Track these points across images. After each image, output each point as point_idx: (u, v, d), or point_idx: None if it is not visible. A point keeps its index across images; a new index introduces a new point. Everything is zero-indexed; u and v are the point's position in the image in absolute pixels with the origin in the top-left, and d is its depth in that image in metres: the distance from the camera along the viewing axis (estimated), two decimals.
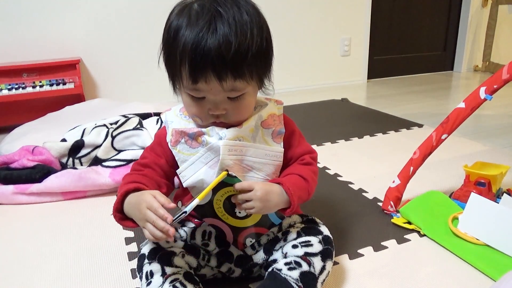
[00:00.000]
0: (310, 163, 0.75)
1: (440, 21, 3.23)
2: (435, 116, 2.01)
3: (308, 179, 0.71)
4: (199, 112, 0.67)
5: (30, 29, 2.07)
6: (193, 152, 0.70)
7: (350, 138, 1.67)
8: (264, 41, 0.64)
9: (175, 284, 0.65)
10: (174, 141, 0.70)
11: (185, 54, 0.60)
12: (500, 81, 0.91)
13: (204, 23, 0.59)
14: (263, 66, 0.66)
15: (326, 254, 0.70)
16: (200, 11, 0.61)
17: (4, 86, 1.91)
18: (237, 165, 0.69)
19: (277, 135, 0.73)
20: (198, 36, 0.59)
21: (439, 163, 1.34)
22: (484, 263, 0.80)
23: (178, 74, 0.64)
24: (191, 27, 0.60)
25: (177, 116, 0.73)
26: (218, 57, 0.59)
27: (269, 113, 0.73)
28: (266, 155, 0.71)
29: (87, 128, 1.39)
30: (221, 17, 0.60)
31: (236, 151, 0.68)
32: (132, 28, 2.28)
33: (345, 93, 2.57)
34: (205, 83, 0.61)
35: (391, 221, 0.99)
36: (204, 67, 0.60)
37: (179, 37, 0.61)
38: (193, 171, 0.70)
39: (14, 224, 1.06)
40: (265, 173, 0.72)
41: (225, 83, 0.61)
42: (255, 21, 0.62)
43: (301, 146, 0.76)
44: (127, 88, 2.37)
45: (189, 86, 0.63)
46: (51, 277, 0.83)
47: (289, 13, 2.63)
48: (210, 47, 0.59)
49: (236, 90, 0.63)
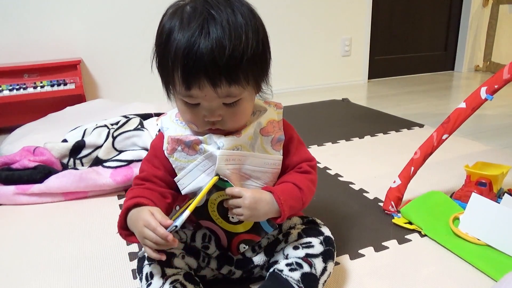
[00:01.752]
0: (308, 172, 0.73)
1: (440, 21, 3.23)
2: (436, 116, 2.01)
3: (303, 188, 0.70)
4: (194, 119, 0.65)
5: (31, 30, 2.08)
6: (190, 159, 0.69)
7: (351, 138, 1.67)
8: (260, 44, 0.61)
9: (175, 285, 0.65)
10: (170, 149, 0.69)
11: (177, 59, 0.58)
12: (501, 81, 0.91)
13: (196, 26, 0.57)
14: (259, 70, 0.64)
15: (327, 255, 0.69)
16: (192, 14, 0.58)
17: (5, 87, 1.91)
18: (235, 174, 0.67)
19: (276, 142, 0.71)
20: (190, 40, 0.56)
21: (440, 163, 1.33)
22: (485, 263, 0.80)
23: (171, 80, 0.62)
24: (183, 31, 0.58)
25: (173, 122, 0.72)
26: (211, 62, 0.56)
27: (269, 119, 0.71)
28: (265, 164, 0.70)
29: (88, 128, 1.39)
30: (214, 20, 0.57)
31: (234, 161, 0.66)
32: (132, 28, 2.28)
33: (345, 93, 2.57)
34: (199, 89, 0.59)
35: (392, 221, 0.99)
36: (197, 73, 0.57)
37: (171, 41, 0.59)
38: (191, 179, 0.69)
39: (15, 225, 1.06)
40: (263, 181, 0.71)
41: (220, 89, 0.59)
42: (250, 24, 0.60)
43: (298, 154, 0.74)
44: (128, 89, 2.37)
45: (182, 92, 0.61)
46: (52, 277, 0.83)
47: (289, 13, 2.63)
48: (202, 52, 0.56)
49: (231, 96, 0.61)
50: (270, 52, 0.66)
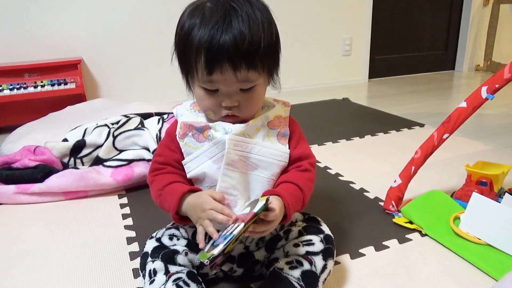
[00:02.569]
0: (308, 170, 0.74)
1: (441, 21, 3.22)
2: (437, 115, 2.01)
3: (304, 190, 0.71)
4: (212, 104, 0.68)
5: (31, 29, 2.08)
6: (198, 146, 0.71)
7: (351, 138, 1.67)
8: (273, 36, 0.68)
9: (178, 283, 0.65)
10: (182, 133, 0.72)
11: (200, 48, 0.63)
12: (502, 81, 0.91)
13: (219, 17, 0.62)
14: (272, 59, 0.69)
15: (328, 253, 0.70)
16: (215, 8, 0.64)
17: (6, 86, 1.91)
18: (242, 161, 0.69)
19: (282, 136, 0.74)
20: (213, 29, 0.62)
21: (441, 163, 1.33)
22: (486, 263, 0.80)
23: (193, 68, 0.66)
24: (206, 24, 0.63)
25: (187, 110, 0.76)
26: (234, 48, 0.62)
27: (276, 114, 0.74)
28: (272, 154, 0.71)
29: (88, 128, 1.39)
30: (235, 12, 0.63)
31: (241, 147, 0.69)
32: (133, 28, 2.28)
33: (346, 93, 2.57)
34: (220, 73, 0.63)
35: (392, 221, 0.99)
36: (220, 58, 0.62)
37: (193, 35, 0.64)
38: (197, 163, 0.71)
39: (16, 224, 1.06)
40: (270, 173, 0.72)
41: (239, 74, 0.64)
42: (266, 17, 0.66)
43: (299, 148, 0.75)
44: (128, 88, 2.37)
45: (203, 78, 0.65)
46: (52, 277, 0.83)
47: (290, 12, 2.63)
48: (225, 40, 0.61)
49: (249, 81, 0.66)
50: (280, 46, 0.71)
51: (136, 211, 1.10)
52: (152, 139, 1.31)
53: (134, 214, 1.08)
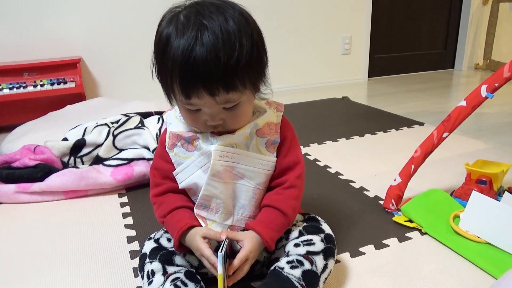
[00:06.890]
0: (293, 186, 0.72)
1: (441, 19, 3.22)
2: (436, 114, 2.01)
3: (287, 213, 0.70)
4: (197, 123, 0.67)
5: (31, 28, 2.08)
6: (188, 155, 0.71)
7: (351, 137, 1.67)
8: (254, 48, 0.61)
9: (176, 283, 0.65)
10: (171, 144, 0.72)
11: (175, 71, 0.59)
12: (502, 79, 0.91)
13: (190, 37, 0.57)
14: (256, 73, 0.64)
15: (328, 253, 0.70)
16: (186, 24, 0.59)
17: (5, 85, 1.91)
18: (228, 172, 0.69)
19: (271, 144, 0.72)
20: (185, 52, 0.57)
21: (440, 161, 1.34)
22: (486, 261, 0.80)
23: (171, 89, 0.64)
24: (179, 40, 0.58)
25: (176, 118, 0.74)
26: (207, 73, 0.57)
27: (266, 121, 0.72)
28: (258, 164, 0.71)
29: (88, 127, 1.39)
30: (207, 30, 0.57)
31: (228, 157, 0.68)
32: (132, 27, 2.28)
33: (345, 92, 2.57)
34: (198, 98, 0.61)
35: (392, 220, 0.99)
36: (195, 84, 0.59)
37: (167, 50, 0.60)
38: (187, 174, 0.71)
39: (16, 223, 1.06)
40: (256, 182, 0.71)
41: (218, 97, 0.60)
42: (243, 29, 0.60)
43: (289, 156, 0.73)
44: (128, 87, 2.37)
45: (183, 100, 0.63)
46: (53, 276, 0.83)
47: (289, 11, 2.63)
48: (198, 64, 0.57)
49: (230, 102, 0.63)
50: (267, 54, 0.66)
51: (136, 210, 1.10)
52: (152, 138, 1.31)
53: (134, 213, 1.08)
